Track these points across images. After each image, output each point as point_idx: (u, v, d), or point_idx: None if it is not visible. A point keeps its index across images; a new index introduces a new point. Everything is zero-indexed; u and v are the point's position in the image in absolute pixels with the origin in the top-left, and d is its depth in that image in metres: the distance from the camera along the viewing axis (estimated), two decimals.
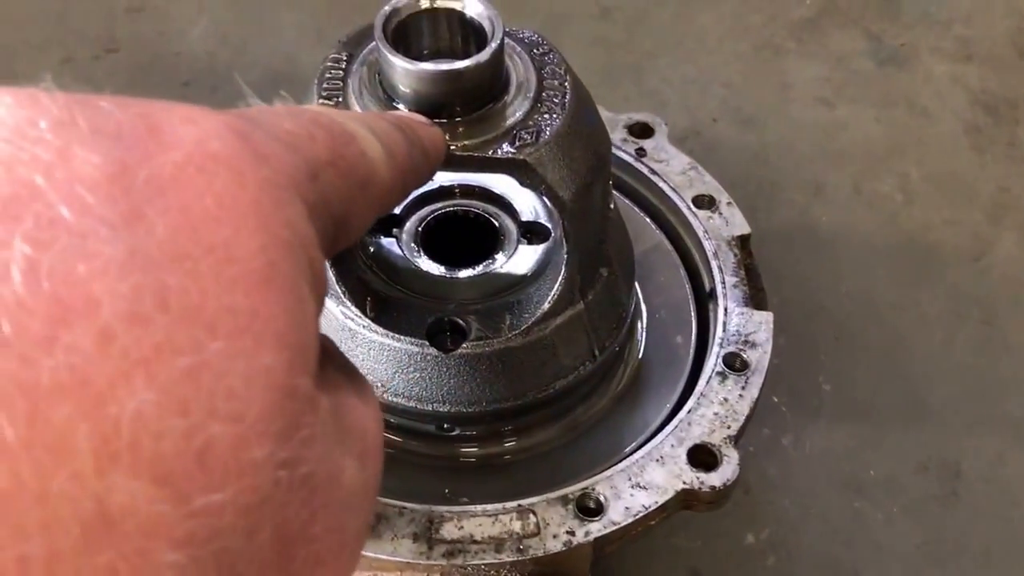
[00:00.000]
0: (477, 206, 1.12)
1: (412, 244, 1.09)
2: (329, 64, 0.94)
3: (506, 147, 0.88)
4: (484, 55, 0.86)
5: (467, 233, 1.11)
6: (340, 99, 0.91)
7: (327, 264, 0.96)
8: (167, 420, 0.42)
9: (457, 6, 0.90)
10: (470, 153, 0.88)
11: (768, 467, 1.25)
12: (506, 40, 0.89)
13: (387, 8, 0.88)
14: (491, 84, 0.89)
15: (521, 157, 0.88)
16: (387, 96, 0.90)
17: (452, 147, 0.87)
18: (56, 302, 0.41)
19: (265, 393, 0.46)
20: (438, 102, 0.87)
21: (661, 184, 1.21)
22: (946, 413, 1.30)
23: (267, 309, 0.47)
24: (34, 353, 0.40)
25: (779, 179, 1.52)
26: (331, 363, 0.57)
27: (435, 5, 0.90)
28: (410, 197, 1.11)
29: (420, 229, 1.10)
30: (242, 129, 0.52)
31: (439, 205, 1.12)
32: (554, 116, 0.91)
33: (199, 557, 0.43)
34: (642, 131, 1.26)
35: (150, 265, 0.44)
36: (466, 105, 0.88)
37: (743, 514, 1.21)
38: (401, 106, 0.89)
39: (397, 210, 1.11)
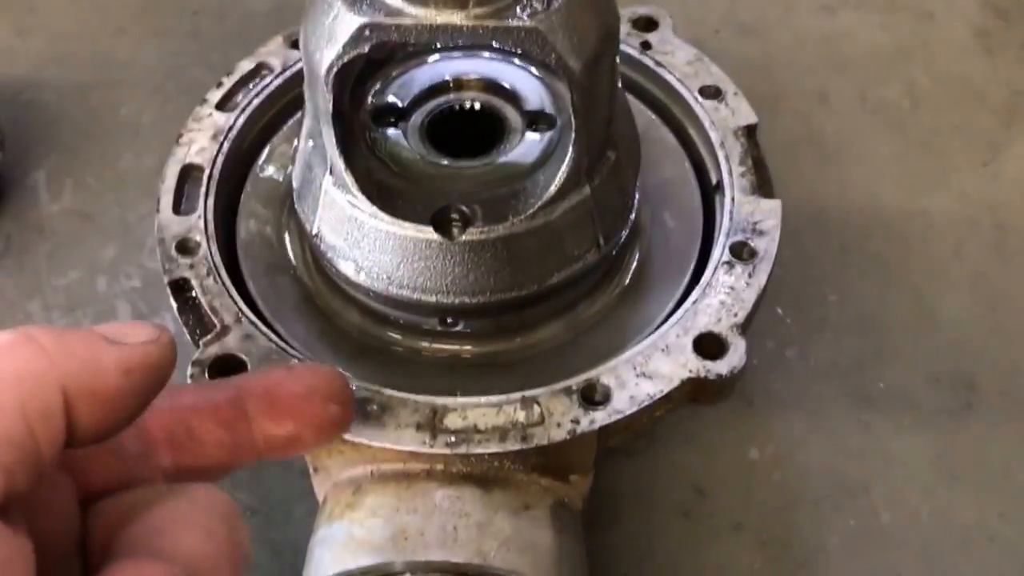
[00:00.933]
0: (481, 98, 1.10)
1: (417, 135, 1.07)
2: None
3: (517, 14, 0.87)
4: None
5: (472, 125, 1.09)
6: None
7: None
8: None
9: None
10: (481, 22, 0.87)
11: (772, 381, 1.22)
12: None
13: None
14: None
15: (532, 24, 0.87)
16: None
17: (463, 16, 0.87)
18: None
19: None
20: None
21: (667, 75, 1.19)
22: (958, 323, 1.27)
23: None
24: None
25: (783, 91, 1.49)
26: None
27: None
28: (416, 90, 1.11)
29: (425, 121, 1.09)
30: None
31: (443, 98, 1.10)
32: None
33: None
34: (647, 24, 1.24)
35: None
36: None
37: (747, 428, 1.19)
38: None
39: (401, 103, 1.10)
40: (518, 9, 0.87)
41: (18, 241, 1.34)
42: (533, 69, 1.09)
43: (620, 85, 1.05)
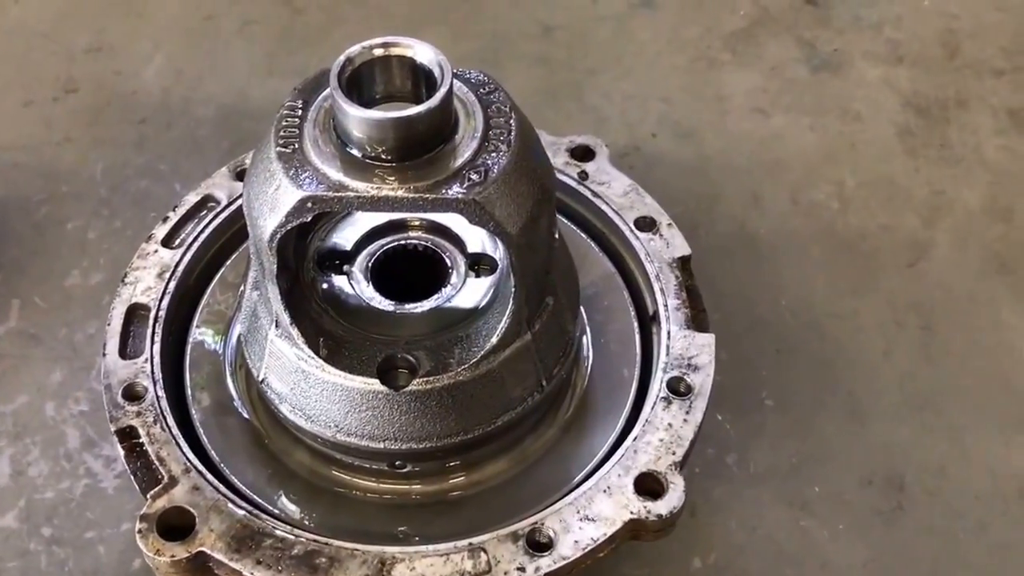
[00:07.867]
0: (425, 239, 1.13)
1: (362, 280, 1.10)
2: (285, 112, 0.95)
3: (456, 188, 0.90)
4: (434, 101, 0.88)
5: (416, 266, 1.12)
6: (296, 145, 0.93)
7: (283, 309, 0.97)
8: None
9: (408, 53, 0.92)
10: (421, 195, 0.90)
11: (713, 488, 1.25)
12: (454, 83, 0.91)
13: (342, 57, 0.91)
14: (440, 127, 0.91)
15: (471, 197, 0.90)
16: (341, 142, 0.92)
17: (404, 189, 0.90)
18: None
19: None
20: (390, 146, 0.90)
21: (603, 207, 1.22)
22: (889, 424, 1.31)
23: None
24: None
25: (718, 192, 1.52)
26: None
27: (387, 52, 0.93)
28: (360, 232, 1.13)
29: (370, 264, 1.11)
30: None
31: (388, 239, 1.13)
32: (500, 154, 0.92)
33: None
34: (584, 154, 1.27)
35: None
36: (417, 148, 0.90)
37: (690, 538, 1.21)
38: (355, 151, 0.91)
39: (348, 246, 1.12)
40: (456, 185, 0.90)
41: None
42: None
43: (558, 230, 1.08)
